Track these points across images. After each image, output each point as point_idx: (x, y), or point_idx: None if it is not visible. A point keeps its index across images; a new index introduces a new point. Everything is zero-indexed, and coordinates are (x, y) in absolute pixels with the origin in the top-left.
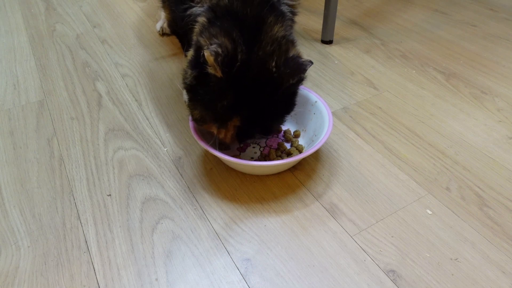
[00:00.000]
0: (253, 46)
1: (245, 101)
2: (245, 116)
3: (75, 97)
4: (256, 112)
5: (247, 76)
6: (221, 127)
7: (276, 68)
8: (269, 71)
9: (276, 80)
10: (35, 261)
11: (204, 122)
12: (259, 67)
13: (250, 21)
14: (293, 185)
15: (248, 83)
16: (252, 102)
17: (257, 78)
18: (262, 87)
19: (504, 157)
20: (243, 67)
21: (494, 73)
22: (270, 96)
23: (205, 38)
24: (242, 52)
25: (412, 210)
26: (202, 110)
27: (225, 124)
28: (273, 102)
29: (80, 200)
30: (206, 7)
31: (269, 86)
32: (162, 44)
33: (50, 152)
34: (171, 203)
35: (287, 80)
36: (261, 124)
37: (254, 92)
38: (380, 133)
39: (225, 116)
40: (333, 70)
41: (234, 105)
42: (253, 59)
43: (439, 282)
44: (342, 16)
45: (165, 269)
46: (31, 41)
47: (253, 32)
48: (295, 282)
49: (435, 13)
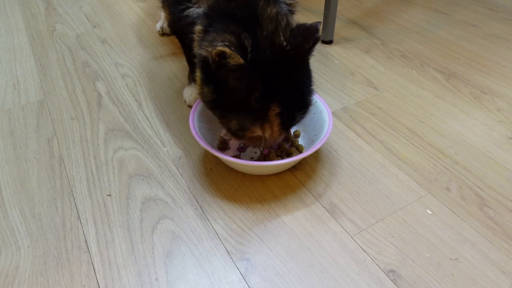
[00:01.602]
0: (255, 30)
1: (273, 83)
2: (281, 99)
3: (75, 97)
4: (288, 90)
5: (262, 59)
6: (264, 123)
7: (286, 41)
8: (280, 47)
9: (290, 52)
10: (35, 261)
11: (244, 129)
12: (269, 46)
13: (243, 13)
14: (293, 185)
15: (267, 65)
16: (280, 82)
17: (272, 57)
18: (280, 64)
19: (504, 157)
20: (254, 51)
21: (494, 73)
22: (292, 70)
23: (205, 48)
24: (246, 39)
25: (412, 210)
26: (238, 117)
27: (266, 117)
28: (297, 75)
29: (80, 200)
30: (202, 11)
31: (286, 61)
32: (162, 44)
33: (50, 152)
34: (171, 203)
35: (303, 47)
36: (298, 101)
37: (276, 71)
38: (380, 133)
39: (263, 107)
40: (333, 70)
41: (266, 91)
42: (260, 41)
43: (439, 282)
44: (342, 16)
45: (165, 269)
46: (31, 41)
47: (249, 20)
48: (295, 282)
49: (435, 13)
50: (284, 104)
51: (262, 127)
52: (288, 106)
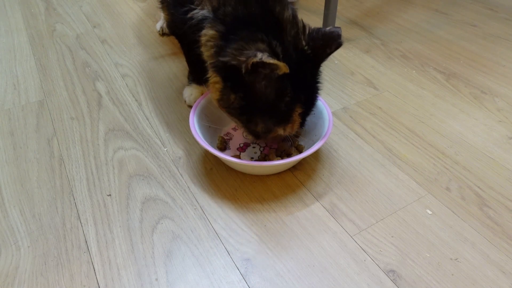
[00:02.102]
0: (281, 36)
1: (298, 86)
2: (303, 99)
3: (75, 97)
4: (308, 91)
5: (290, 64)
6: (287, 123)
7: (307, 45)
8: (302, 51)
9: (309, 55)
10: (35, 261)
11: (269, 131)
12: (293, 51)
13: (264, 19)
14: (293, 185)
15: (293, 69)
16: (303, 84)
17: (297, 62)
18: (303, 67)
19: (504, 157)
20: (285, 57)
21: (494, 73)
22: (311, 72)
23: (233, 56)
24: (277, 46)
25: (412, 210)
26: (265, 121)
27: (291, 118)
28: (315, 77)
29: (80, 200)
30: (207, 14)
31: (307, 64)
32: (162, 44)
33: (50, 152)
34: (171, 203)
35: (324, 51)
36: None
37: (301, 75)
38: (380, 133)
39: (289, 110)
40: (333, 70)
41: (294, 95)
42: (286, 46)
43: (439, 282)
44: (342, 16)
45: (165, 269)
46: (31, 41)
47: (272, 25)
48: (295, 282)
49: (435, 13)
50: (305, 104)
51: (284, 127)
52: (308, 105)
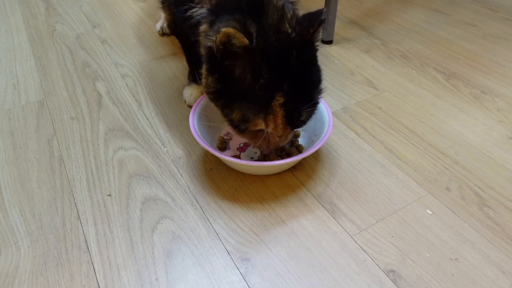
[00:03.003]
0: (260, 18)
1: (279, 72)
2: (286, 88)
3: (75, 97)
4: (293, 80)
5: (268, 45)
6: (267, 114)
7: (292, 29)
8: (286, 34)
9: (296, 40)
10: (35, 261)
11: (247, 120)
12: (275, 34)
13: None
14: (293, 185)
15: (273, 52)
16: (286, 72)
17: (278, 45)
18: (286, 52)
19: (504, 157)
20: (260, 37)
21: (494, 73)
22: (298, 59)
23: (210, 38)
24: (252, 25)
25: (412, 210)
26: (241, 107)
27: (270, 108)
28: (303, 66)
29: (80, 200)
30: (206, 10)
31: (292, 49)
32: (162, 44)
33: (50, 152)
34: (171, 203)
35: (308, 32)
36: (303, 94)
37: (282, 59)
38: (380, 133)
39: (267, 97)
40: (333, 70)
41: (272, 79)
42: (266, 28)
43: (439, 282)
44: (342, 16)
45: (165, 269)
46: (31, 41)
47: (255, 9)
48: (295, 282)
49: (435, 13)
50: (289, 94)
51: (265, 119)
52: (293, 97)
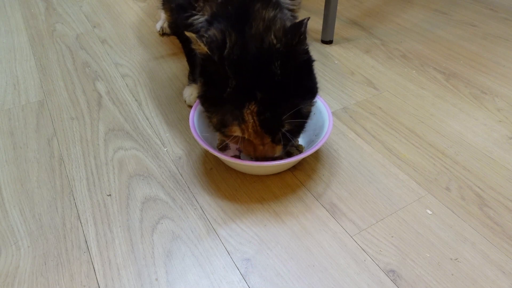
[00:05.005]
0: (243, 28)
1: (252, 81)
2: (260, 98)
3: (75, 97)
4: (272, 90)
5: (245, 55)
6: (242, 122)
7: (277, 39)
8: (270, 45)
9: (281, 50)
10: (35, 261)
11: (225, 125)
12: (255, 44)
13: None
14: (293, 185)
15: (249, 62)
16: (262, 80)
17: (258, 55)
18: (267, 62)
19: (504, 157)
20: (235, 47)
21: (494, 73)
22: (281, 69)
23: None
24: (230, 35)
25: (412, 210)
26: (218, 112)
27: (242, 115)
28: (288, 76)
29: (80, 200)
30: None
31: (275, 59)
32: (162, 44)
33: (50, 152)
34: (171, 203)
35: (291, 43)
36: (285, 104)
37: (260, 69)
38: (380, 133)
39: (239, 105)
40: (333, 70)
41: (239, 87)
42: (246, 38)
43: (439, 282)
44: (342, 16)
45: (165, 269)
46: (31, 41)
47: (240, 19)
48: (295, 282)
49: (435, 13)
50: (264, 104)
51: (240, 126)
52: (270, 107)
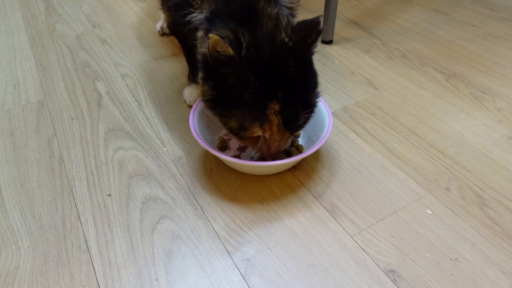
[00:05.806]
0: (253, 27)
1: (272, 79)
2: (281, 96)
3: (75, 97)
4: (289, 87)
5: (261, 55)
6: (264, 122)
7: (288, 38)
8: (282, 43)
9: (293, 48)
10: (35, 261)
11: (244, 128)
12: (269, 43)
13: (242, 12)
14: (293, 185)
15: (266, 61)
16: (280, 79)
17: (273, 53)
18: (282, 61)
19: (504, 157)
20: (251, 46)
21: (494, 73)
22: (294, 67)
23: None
24: (243, 35)
25: (412, 210)
26: (237, 115)
27: (265, 116)
28: (300, 73)
29: (80, 200)
30: (204, 17)
31: (289, 57)
32: (162, 44)
33: (50, 152)
34: (171, 203)
35: (306, 42)
36: (300, 99)
37: (277, 68)
38: (380, 133)
39: (260, 106)
40: (333, 70)
41: (261, 87)
42: (259, 37)
43: (439, 282)
44: (342, 16)
45: (165, 269)
46: (31, 41)
47: (248, 18)
48: (295, 282)
49: (435, 13)
50: (284, 101)
51: (261, 126)
52: (289, 104)
